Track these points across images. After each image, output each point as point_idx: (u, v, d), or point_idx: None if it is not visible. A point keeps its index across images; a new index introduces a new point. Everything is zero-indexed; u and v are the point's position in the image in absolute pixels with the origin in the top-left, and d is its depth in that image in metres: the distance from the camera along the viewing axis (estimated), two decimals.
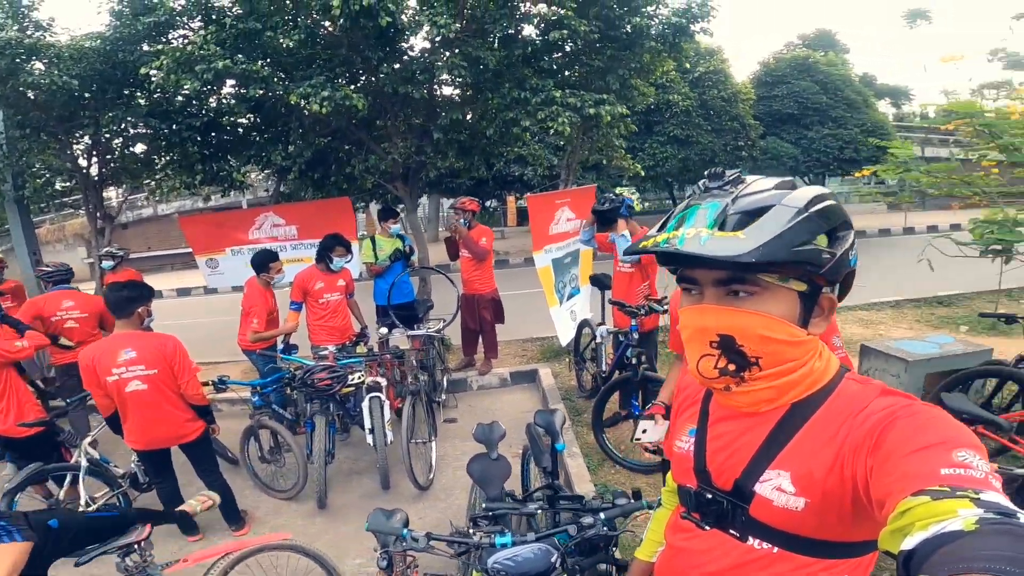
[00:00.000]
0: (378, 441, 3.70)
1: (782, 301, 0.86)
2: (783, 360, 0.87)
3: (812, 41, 26.74)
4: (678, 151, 15.05)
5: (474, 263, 5.50)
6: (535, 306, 8.75)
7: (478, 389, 5.71)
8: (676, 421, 1.17)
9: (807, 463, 0.85)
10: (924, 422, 0.73)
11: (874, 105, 17.95)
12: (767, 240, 0.80)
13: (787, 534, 0.88)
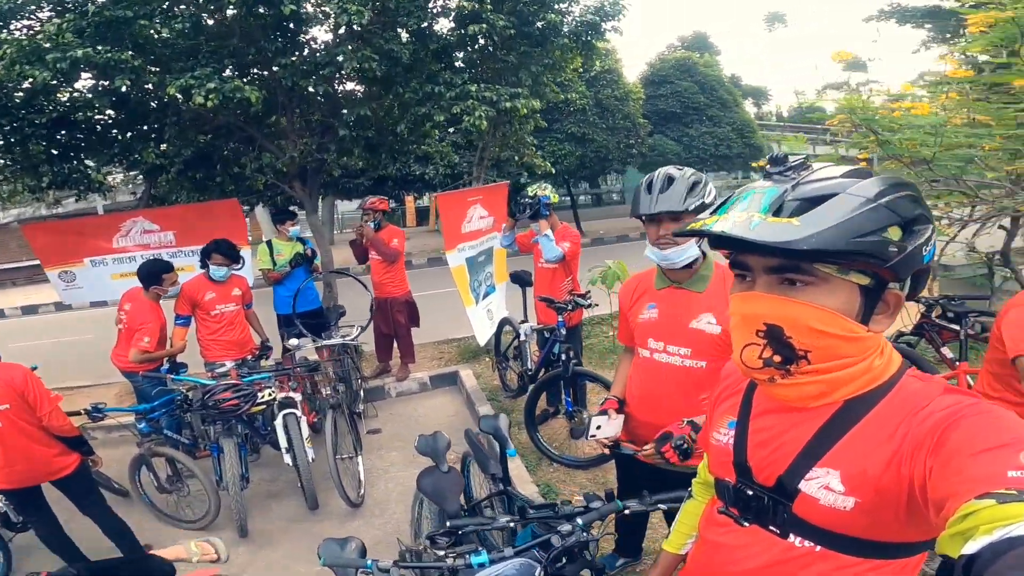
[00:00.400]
0: (300, 460, 3.44)
1: (839, 294, 0.81)
2: (836, 355, 0.83)
3: (690, 43, 28.80)
4: (576, 148, 15.51)
5: (385, 265, 5.27)
6: (447, 306, 8.65)
7: (397, 396, 5.49)
8: (714, 411, 1.13)
9: (860, 462, 0.82)
10: (990, 422, 0.70)
11: (742, 104, 19.63)
12: (824, 228, 0.75)
13: (832, 533, 0.85)
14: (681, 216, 1.71)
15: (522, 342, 4.51)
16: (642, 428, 1.87)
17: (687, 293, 1.81)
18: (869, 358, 0.85)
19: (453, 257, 5.18)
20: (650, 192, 1.74)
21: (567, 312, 3.89)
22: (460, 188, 11.02)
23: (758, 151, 17.81)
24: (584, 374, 3.76)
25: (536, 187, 4.20)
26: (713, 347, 1.75)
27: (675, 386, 1.81)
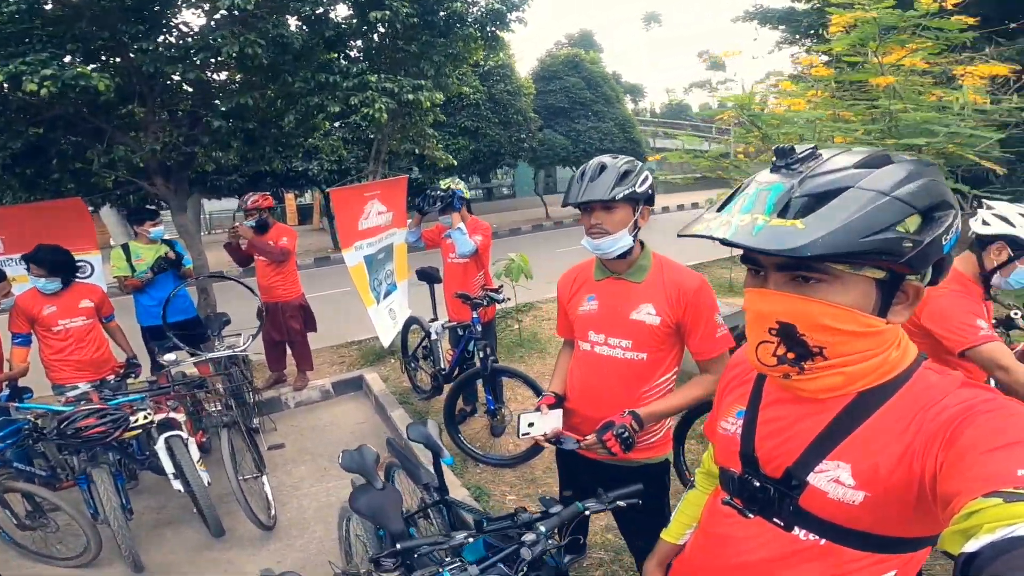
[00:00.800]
0: (194, 485, 3.09)
1: (854, 289, 0.79)
2: (852, 350, 0.81)
3: (577, 41, 29.81)
4: (469, 143, 15.43)
5: (273, 267, 4.84)
6: (342, 307, 8.31)
7: (296, 406, 5.10)
8: (722, 400, 1.09)
9: (872, 456, 0.80)
10: (1005, 419, 0.69)
11: (624, 100, 20.73)
12: (831, 230, 0.71)
13: (838, 527, 0.83)
14: (612, 205, 1.67)
15: (433, 341, 4.35)
16: (586, 423, 1.83)
17: (626, 284, 1.79)
18: (887, 351, 0.84)
19: (350, 255, 4.89)
20: (581, 181, 1.70)
21: (482, 308, 3.79)
22: (350, 184, 10.48)
23: (637, 145, 18.90)
24: (503, 371, 3.70)
25: (450, 180, 4.05)
26: (653, 338, 1.74)
27: (617, 379, 1.79)
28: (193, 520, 3.32)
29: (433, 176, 15.54)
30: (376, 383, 5.13)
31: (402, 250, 5.86)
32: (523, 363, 5.50)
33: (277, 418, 4.80)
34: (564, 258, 11.94)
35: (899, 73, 3.38)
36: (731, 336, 1.77)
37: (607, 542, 2.79)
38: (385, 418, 4.55)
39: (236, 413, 3.69)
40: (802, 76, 3.74)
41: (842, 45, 3.33)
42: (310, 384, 5.24)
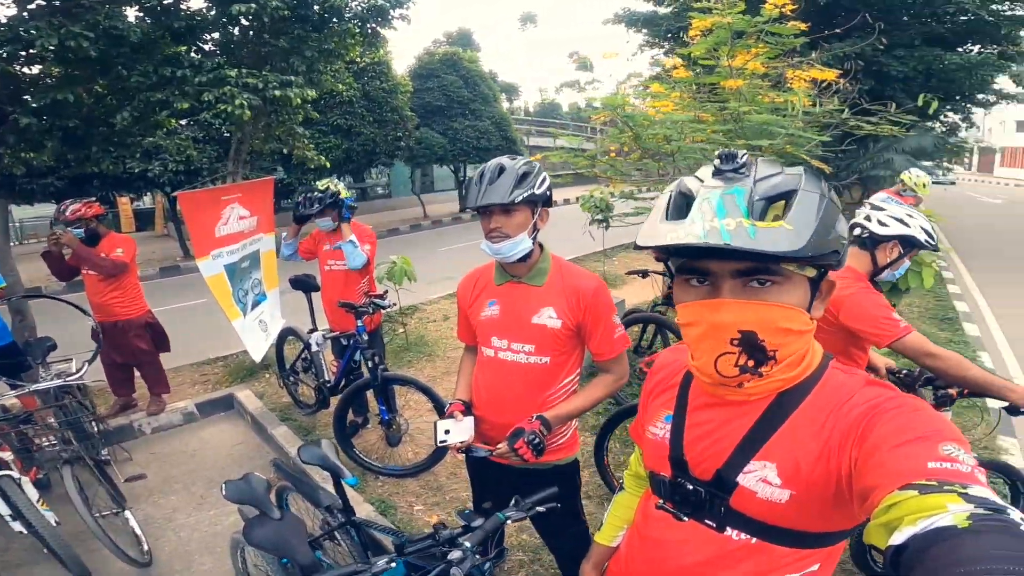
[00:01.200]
0: (39, 526, 2.64)
1: (797, 289, 0.82)
2: (796, 350, 0.84)
3: (455, 39, 29.67)
4: (342, 141, 14.71)
5: (106, 282, 4.21)
6: (198, 321, 7.60)
7: (155, 432, 4.54)
8: (649, 405, 1.09)
9: (794, 455, 0.83)
10: (909, 415, 0.74)
11: (501, 99, 21.04)
12: (814, 230, 0.75)
13: (767, 525, 0.86)
14: (511, 208, 1.64)
15: (314, 353, 4.03)
16: (494, 430, 1.79)
17: (527, 287, 1.77)
18: (810, 348, 0.88)
19: (207, 265, 4.41)
20: (480, 183, 1.66)
21: (367, 316, 3.58)
22: (202, 186, 9.50)
23: (513, 144, 19.32)
24: (395, 379, 3.53)
25: (328, 181, 3.76)
26: (555, 342, 1.74)
27: (522, 384, 1.77)
28: (48, 561, 2.86)
29: (301, 176, 14.61)
30: (250, 401, 4.69)
31: (271, 257, 5.39)
32: (412, 368, 5.33)
33: (132, 446, 4.25)
34: (445, 257, 11.89)
35: (744, 76, 3.73)
36: (627, 336, 1.81)
37: (524, 543, 2.78)
38: (266, 437, 4.18)
39: (77, 446, 3.22)
40: (660, 77, 4.02)
41: (700, 49, 3.60)
42: (169, 407, 4.67)
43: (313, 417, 4.32)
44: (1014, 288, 7.96)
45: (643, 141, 3.72)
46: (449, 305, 7.42)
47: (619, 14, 12.30)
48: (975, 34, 10.22)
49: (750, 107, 3.62)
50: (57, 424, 3.32)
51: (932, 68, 9.33)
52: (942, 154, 11.48)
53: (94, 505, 2.94)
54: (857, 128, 3.98)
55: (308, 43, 5.72)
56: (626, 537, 1.18)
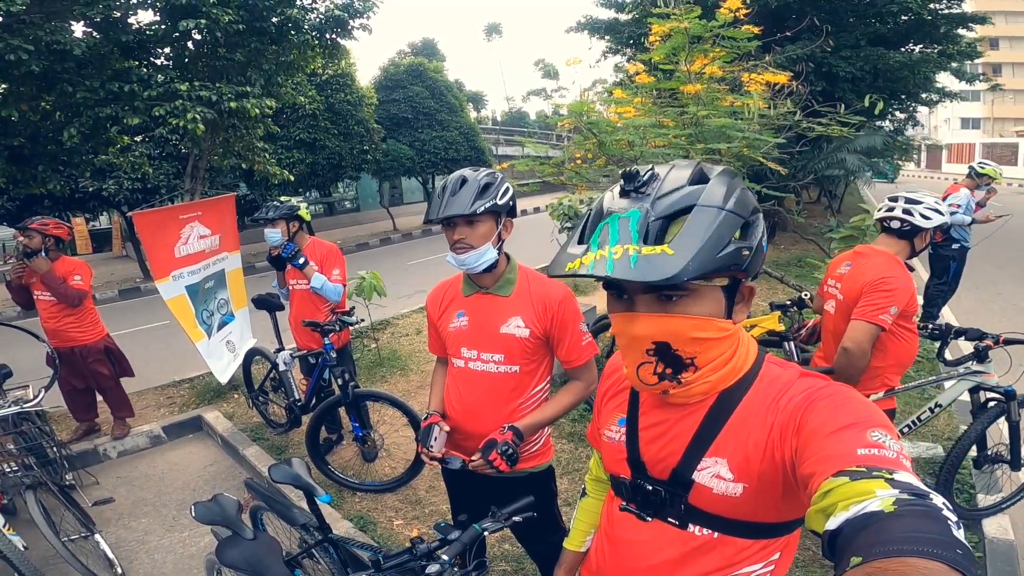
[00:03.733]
0: (6, 550, 2.55)
1: (708, 299, 0.85)
2: (716, 355, 0.87)
3: (419, 49, 29.59)
4: (306, 155, 14.48)
5: (62, 308, 4.05)
6: (164, 342, 7.41)
7: (120, 456, 4.41)
8: (603, 409, 1.11)
9: (743, 449, 0.86)
10: (840, 403, 0.77)
11: (468, 109, 21.02)
12: (696, 252, 0.76)
13: (726, 519, 0.89)
14: (474, 219, 1.64)
15: (282, 372, 3.93)
16: (468, 440, 1.79)
17: (494, 298, 1.77)
18: (738, 350, 0.90)
19: (168, 286, 4.31)
20: (442, 196, 1.66)
21: (335, 333, 3.52)
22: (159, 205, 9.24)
23: (482, 153, 19.32)
24: (367, 395, 3.46)
25: (297, 200, 3.70)
26: (524, 351, 1.75)
27: (493, 394, 1.78)
28: None
29: (265, 192, 14.33)
30: (219, 422, 4.58)
31: (237, 276, 5.28)
32: (387, 383, 5.26)
33: (97, 470, 4.14)
34: (416, 270, 11.80)
35: (702, 81, 3.82)
36: (595, 343, 1.84)
37: (506, 552, 2.76)
38: (238, 458, 4.09)
39: (39, 472, 3.15)
40: (624, 83, 4.09)
41: (660, 54, 3.68)
42: (134, 431, 4.53)
43: (285, 436, 4.22)
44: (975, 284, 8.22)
45: (607, 147, 3.77)
46: (421, 319, 7.35)
47: (581, 22, 12.52)
48: (916, 33, 10.71)
49: (708, 111, 3.71)
50: (17, 450, 3.26)
51: (878, 68, 9.73)
52: (892, 152, 11.96)
53: (62, 530, 2.88)
54: (809, 130, 4.12)
55: (266, 56, 5.63)
56: (594, 541, 1.19)
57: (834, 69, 9.39)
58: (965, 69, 11.99)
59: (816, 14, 6.52)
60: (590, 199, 4.74)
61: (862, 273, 2.29)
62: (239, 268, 5.26)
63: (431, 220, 1.66)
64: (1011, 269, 9.09)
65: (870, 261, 2.33)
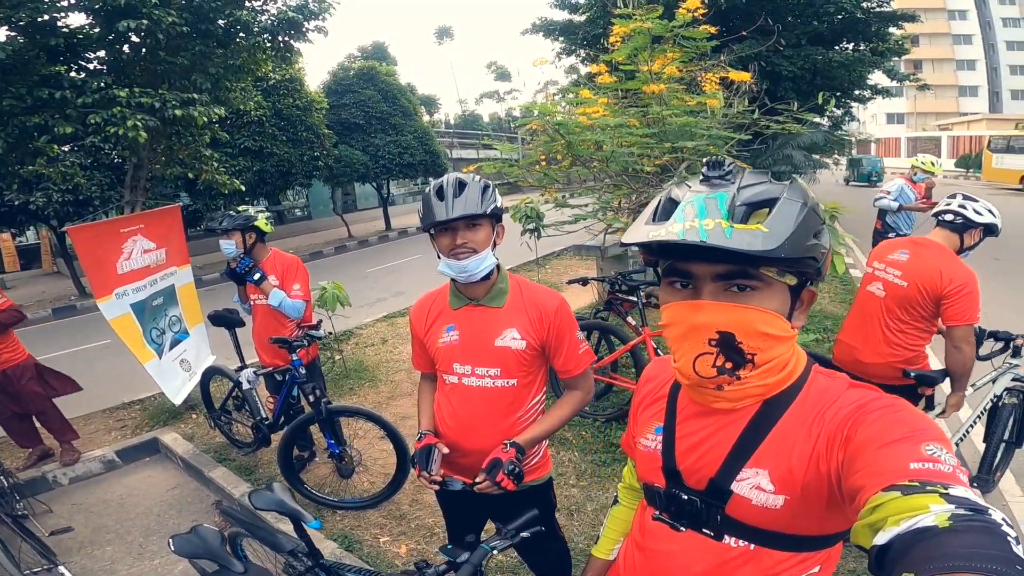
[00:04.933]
0: None
1: (777, 295, 0.84)
2: (775, 355, 0.85)
3: (369, 53, 28.99)
4: (253, 163, 13.93)
5: None
6: (107, 362, 7.07)
7: (73, 483, 4.16)
8: (639, 417, 1.08)
9: (786, 460, 0.83)
10: (893, 415, 0.75)
11: (421, 113, 20.73)
12: (790, 234, 0.77)
13: (765, 531, 0.86)
14: (478, 220, 1.58)
15: (246, 391, 3.74)
16: (466, 458, 1.72)
17: (486, 310, 1.70)
18: (793, 355, 0.89)
19: (111, 305, 4.05)
20: (442, 198, 1.56)
21: (303, 349, 3.37)
22: (92, 218, 8.70)
23: (437, 157, 19.11)
24: (341, 411, 3.32)
25: (254, 210, 3.50)
26: (521, 363, 1.69)
27: (491, 409, 1.71)
28: None
29: (210, 202, 13.70)
30: (179, 444, 4.35)
31: (189, 291, 5.00)
32: (356, 395, 5.10)
33: (50, 498, 3.91)
34: (376, 279, 11.57)
35: (662, 81, 3.87)
36: (592, 351, 1.80)
37: (501, 564, 2.70)
38: (204, 480, 3.89)
39: None
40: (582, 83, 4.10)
41: (622, 55, 3.70)
42: (85, 456, 4.27)
43: (254, 456, 4.03)
44: None
45: (575, 147, 3.75)
46: (386, 328, 7.20)
47: (537, 24, 12.59)
48: (850, 32, 11.27)
49: (671, 111, 3.76)
50: None
51: (817, 66, 10.19)
52: (830, 147, 12.57)
53: (22, 561, 2.76)
54: (766, 127, 4.24)
55: (212, 59, 5.34)
56: (623, 549, 1.16)
57: (777, 68, 9.78)
58: (897, 67, 12.72)
59: (761, 14, 6.75)
60: (563, 199, 4.74)
61: (930, 264, 2.48)
62: (191, 283, 5.00)
63: (436, 223, 1.56)
64: None
65: (931, 252, 2.53)
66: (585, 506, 3.12)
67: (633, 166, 4.00)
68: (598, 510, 3.06)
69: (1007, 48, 48.20)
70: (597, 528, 2.91)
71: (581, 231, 4.51)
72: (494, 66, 47.14)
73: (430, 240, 1.66)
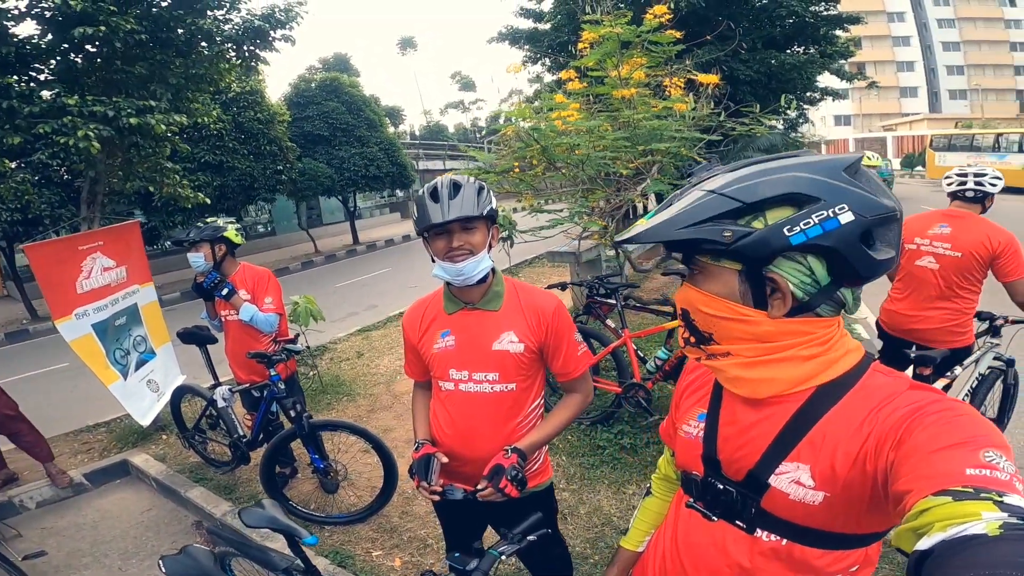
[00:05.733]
0: None
1: (718, 279, 0.87)
2: (736, 337, 0.86)
3: (331, 64, 28.52)
4: (213, 178, 13.53)
5: None
6: (69, 385, 6.80)
7: (39, 507, 3.99)
8: (681, 404, 1.09)
9: (829, 456, 0.81)
10: (953, 419, 0.71)
11: (387, 124, 20.46)
12: (657, 223, 0.85)
13: (799, 527, 0.85)
14: (474, 221, 1.55)
15: (221, 409, 3.62)
16: (465, 465, 1.68)
17: (483, 314, 1.67)
18: (793, 345, 0.84)
19: (71, 326, 3.87)
20: (437, 200, 1.53)
21: (282, 363, 3.28)
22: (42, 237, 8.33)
23: (404, 169, 18.94)
24: (324, 425, 3.24)
25: (223, 221, 3.39)
26: (519, 366, 1.66)
27: (490, 415, 1.67)
28: None
29: (168, 218, 13.24)
30: (151, 465, 4.19)
31: (153, 310, 4.82)
32: (334, 410, 4.99)
33: (18, 522, 3.77)
34: (344, 293, 11.39)
35: (630, 85, 3.94)
36: (591, 352, 1.78)
37: (500, 571, 2.66)
38: (181, 501, 3.76)
39: None
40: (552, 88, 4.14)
41: (592, 60, 3.75)
42: None
43: (232, 474, 3.91)
44: None
45: (550, 152, 3.78)
46: (361, 341, 7.09)
47: (503, 32, 12.68)
48: (800, 35, 11.73)
49: (641, 115, 3.83)
50: None
51: (772, 70, 10.56)
52: (786, 149, 13.02)
53: None
54: (731, 129, 4.36)
55: (172, 69, 5.16)
56: (654, 539, 1.16)
57: (736, 72, 10.08)
58: (844, 69, 13.28)
59: (720, 20, 6.97)
60: (539, 205, 4.75)
61: (975, 232, 2.78)
62: (154, 301, 4.82)
63: (432, 225, 1.52)
64: None
65: (977, 223, 2.81)
66: (578, 509, 3.11)
67: (607, 169, 4.05)
68: (591, 513, 3.07)
69: (943, 49, 50.92)
70: (591, 531, 2.95)
71: (556, 236, 4.53)
72: (459, 76, 47.18)
73: (424, 244, 1.62)
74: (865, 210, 0.77)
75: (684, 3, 8.95)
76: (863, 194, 0.78)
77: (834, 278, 0.82)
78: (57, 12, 4.20)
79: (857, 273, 0.80)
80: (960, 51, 50.72)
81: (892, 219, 0.79)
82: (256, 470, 3.42)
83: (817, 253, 0.80)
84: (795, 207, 0.78)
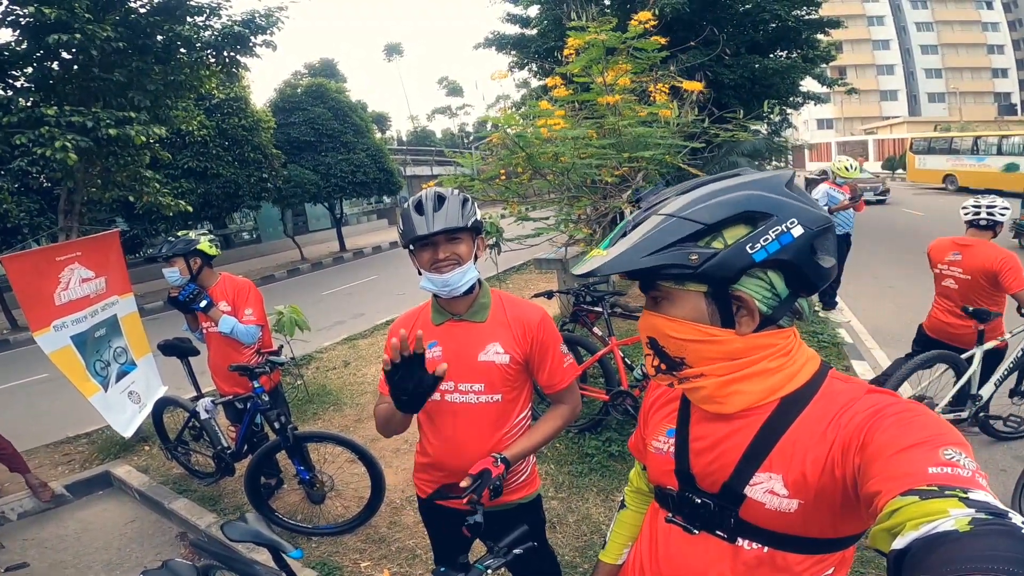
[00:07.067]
0: None
1: (685, 303, 0.87)
2: (709, 358, 0.87)
3: (317, 70, 28.37)
4: (196, 185, 13.37)
5: None
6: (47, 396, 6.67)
7: (20, 518, 3.94)
8: (650, 420, 1.08)
9: (800, 465, 0.83)
10: (910, 420, 0.74)
11: (373, 130, 20.36)
12: (619, 253, 0.84)
13: (779, 534, 0.86)
14: (459, 233, 1.56)
15: (204, 421, 3.57)
16: (452, 477, 1.66)
17: (469, 325, 1.67)
18: (760, 360, 0.87)
19: (49, 338, 3.84)
20: (422, 212, 1.54)
21: (265, 375, 3.24)
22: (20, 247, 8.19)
23: (391, 175, 18.85)
24: (309, 436, 3.21)
25: (195, 233, 3.33)
26: (505, 378, 1.66)
27: (476, 426, 1.67)
28: None
29: (150, 227, 13.07)
30: (133, 476, 4.13)
31: (133, 321, 4.76)
32: (321, 420, 4.94)
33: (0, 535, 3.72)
34: (331, 301, 11.31)
35: (616, 92, 3.96)
36: (576, 364, 1.78)
37: None
38: (164, 512, 3.71)
39: None
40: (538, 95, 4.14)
41: (577, 66, 3.76)
42: None
43: (216, 486, 3.86)
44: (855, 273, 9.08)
45: (535, 160, 3.78)
46: (348, 350, 7.03)
47: (489, 38, 12.70)
48: (782, 40, 11.86)
49: (626, 121, 3.84)
50: None
51: (755, 74, 10.67)
52: (771, 153, 13.16)
53: None
54: (715, 135, 4.39)
55: (151, 76, 5.09)
56: (633, 553, 1.15)
57: (720, 77, 10.18)
58: (826, 73, 13.47)
59: (705, 25, 7.03)
60: (524, 213, 4.75)
61: (979, 257, 3.29)
62: (134, 312, 4.76)
63: (417, 237, 1.53)
64: (882, 254, 10.27)
65: (980, 248, 3.32)
66: (567, 518, 3.10)
67: (593, 177, 4.06)
68: (580, 521, 3.05)
69: (922, 52, 51.97)
70: (580, 539, 2.93)
71: (542, 244, 4.53)
72: (445, 81, 47.22)
73: (410, 257, 1.62)
74: (810, 222, 0.82)
75: (669, 9, 9.03)
76: (806, 207, 0.83)
77: (792, 290, 0.86)
78: (32, 18, 4.13)
79: (811, 282, 0.85)
80: (939, 54, 51.80)
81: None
82: (241, 481, 3.37)
83: (775, 268, 0.84)
84: (750, 225, 0.82)
